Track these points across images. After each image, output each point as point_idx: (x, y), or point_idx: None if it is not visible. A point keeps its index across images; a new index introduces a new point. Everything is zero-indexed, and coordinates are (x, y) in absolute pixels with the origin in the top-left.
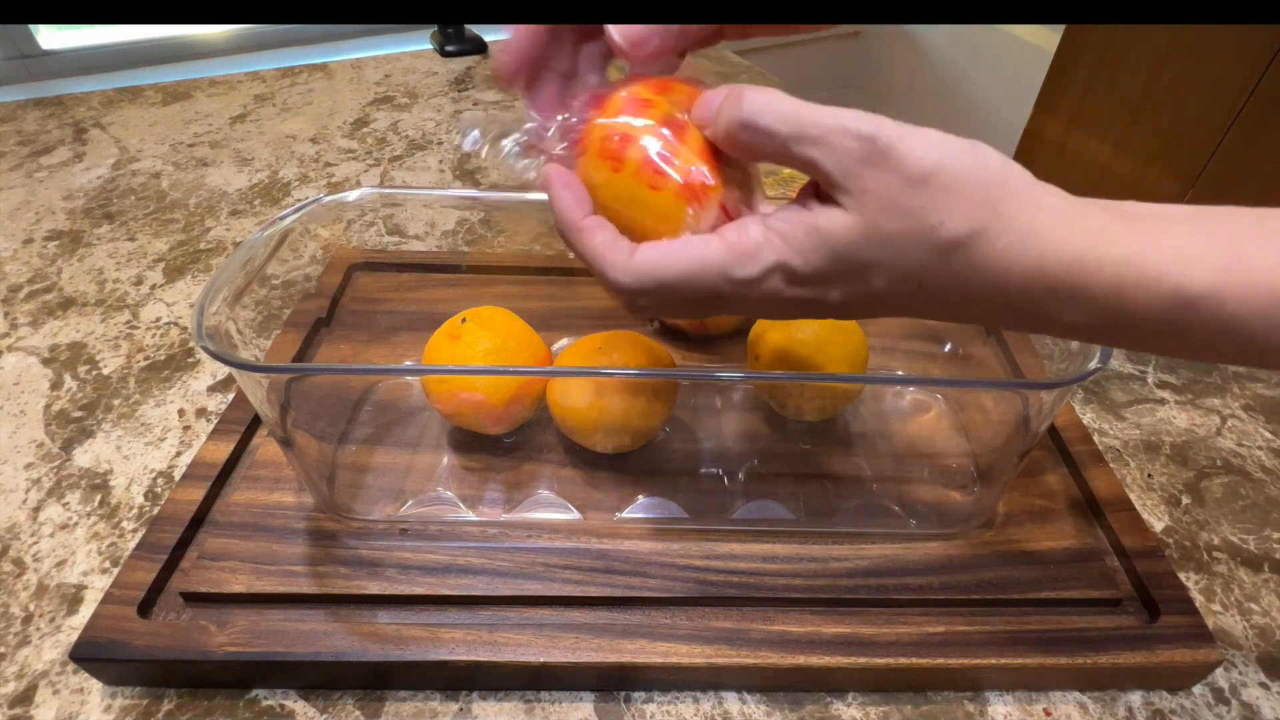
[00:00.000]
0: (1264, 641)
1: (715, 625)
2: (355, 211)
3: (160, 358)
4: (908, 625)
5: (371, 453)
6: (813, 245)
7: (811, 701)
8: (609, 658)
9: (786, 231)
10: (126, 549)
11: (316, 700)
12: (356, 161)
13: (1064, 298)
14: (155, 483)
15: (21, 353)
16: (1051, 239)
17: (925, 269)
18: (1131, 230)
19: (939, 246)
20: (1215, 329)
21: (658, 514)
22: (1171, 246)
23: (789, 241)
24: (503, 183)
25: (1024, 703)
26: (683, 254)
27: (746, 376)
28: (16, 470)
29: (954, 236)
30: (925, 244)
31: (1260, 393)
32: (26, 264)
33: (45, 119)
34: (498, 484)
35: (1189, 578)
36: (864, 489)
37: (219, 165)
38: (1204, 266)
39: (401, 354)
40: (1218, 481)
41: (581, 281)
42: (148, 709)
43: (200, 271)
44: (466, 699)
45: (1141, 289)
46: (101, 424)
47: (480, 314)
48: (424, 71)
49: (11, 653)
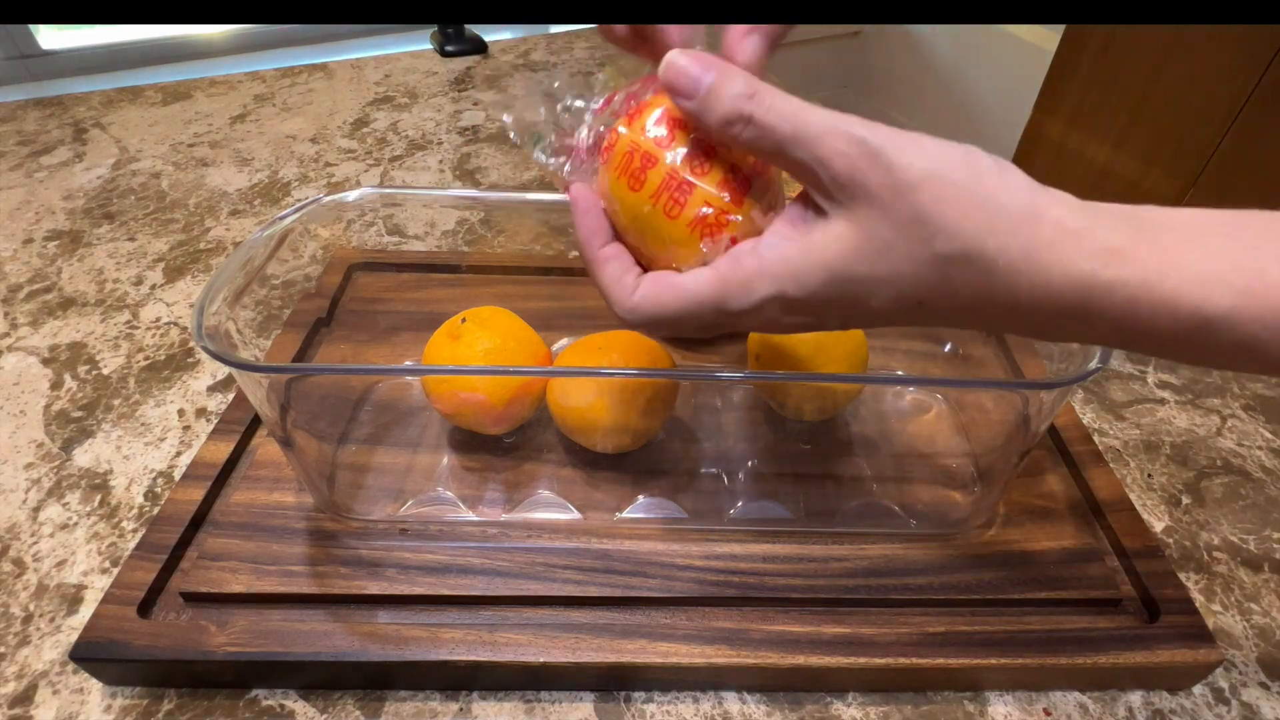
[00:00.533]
0: (1264, 641)
1: (715, 625)
2: (355, 211)
3: (160, 358)
4: (908, 625)
5: (371, 453)
6: (807, 269)
7: (811, 701)
8: (609, 658)
9: (779, 258)
10: (126, 549)
11: (316, 700)
12: (356, 161)
13: (1074, 317)
14: (155, 483)
15: (21, 353)
16: (1058, 259)
17: (924, 285)
18: (1149, 248)
19: (935, 261)
20: (1231, 348)
21: (658, 514)
22: (1191, 267)
23: (784, 267)
24: (502, 183)
25: (1024, 703)
26: (679, 292)
27: (746, 376)
28: (16, 470)
29: (949, 251)
30: (920, 257)
31: (1260, 393)
32: (26, 264)
33: (45, 119)
34: (498, 484)
35: (1189, 578)
36: (864, 489)
37: (219, 165)
38: (1224, 288)
39: (401, 354)
40: (1218, 481)
41: (581, 281)
42: (148, 709)
43: (200, 271)
44: (466, 699)
45: (1157, 311)
46: (101, 424)
47: (480, 314)
48: (424, 71)
49: (11, 653)
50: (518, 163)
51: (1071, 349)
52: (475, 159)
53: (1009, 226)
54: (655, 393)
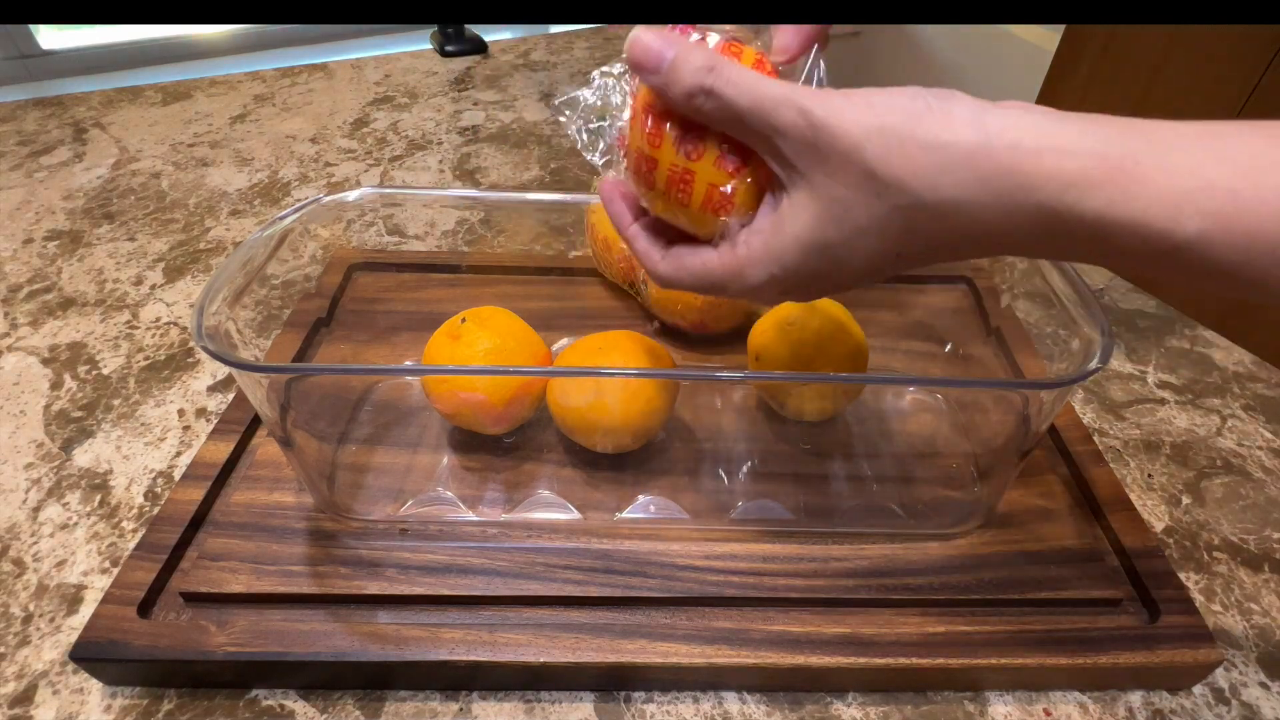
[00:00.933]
0: (1264, 641)
1: (715, 625)
2: (355, 211)
3: (160, 358)
4: (908, 625)
5: (371, 453)
6: (783, 247)
7: (811, 701)
8: (609, 658)
9: (761, 245)
10: (126, 549)
11: (316, 700)
12: (356, 161)
13: (1043, 239)
14: (155, 483)
15: (21, 353)
16: (1018, 185)
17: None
18: (1115, 166)
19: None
20: (1204, 272)
21: (658, 514)
22: (1158, 186)
23: (766, 252)
24: (502, 183)
25: (1024, 703)
26: (689, 264)
27: (746, 376)
28: (16, 470)
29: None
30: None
31: (1260, 393)
32: (26, 264)
33: (45, 119)
34: (498, 484)
35: (1189, 578)
36: (864, 489)
37: (219, 165)
38: (1193, 210)
39: (401, 354)
40: (1218, 481)
41: (581, 281)
42: (148, 709)
43: (200, 271)
44: (466, 699)
45: (1125, 234)
46: (101, 424)
47: (480, 314)
48: (424, 71)
49: (11, 653)
50: (518, 163)
51: (1072, 348)
52: (475, 159)
53: (960, 161)
54: (655, 393)
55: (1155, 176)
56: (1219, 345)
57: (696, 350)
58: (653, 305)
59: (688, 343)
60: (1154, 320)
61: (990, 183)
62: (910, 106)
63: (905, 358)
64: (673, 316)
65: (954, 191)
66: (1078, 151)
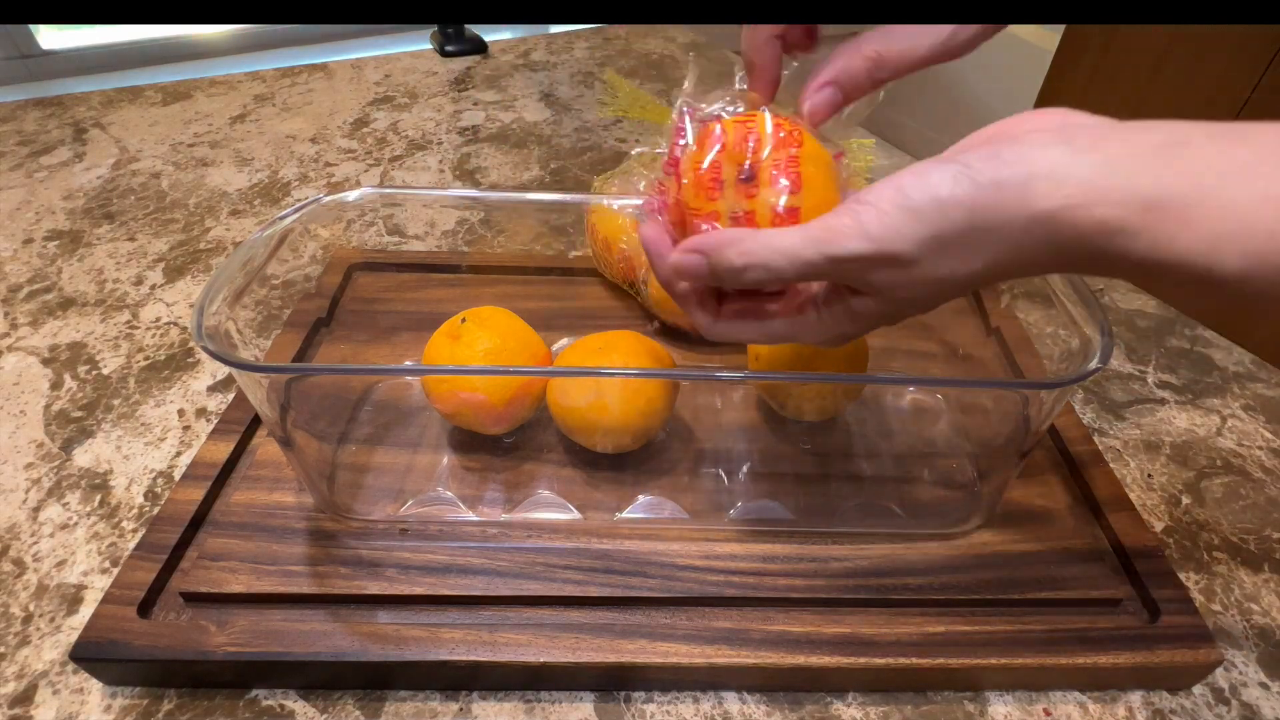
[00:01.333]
0: (1264, 641)
1: (715, 625)
2: (355, 211)
3: (160, 358)
4: (908, 625)
5: (371, 453)
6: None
7: (811, 701)
8: (609, 658)
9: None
10: (126, 549)
11: (316, 700)
12: (356, 161)
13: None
14: (155, 483)
15: (21, 353)
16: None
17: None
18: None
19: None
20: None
21: (658, 514)
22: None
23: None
24: (502, 183)
25: (1024, 703)
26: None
27: (746, 376)
28: (16, 470)
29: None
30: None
31: (1260, 393)
32: (26, 264)
33: (45, 119)
34: (498, 484)
35: (1189, 578)
36: (864, 489)
37: (219, 165)
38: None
39: (401, 354)
40: (1218, 481)
41: (581, 281)
42: (148, 709)
43: (200, 271)
44: (466, 699)
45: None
46: (101, 424)
47: (480, 314)
48: (424, 71)
49: (11, 653)
50: (517, 163)
51: (1072, 348)
52: (475, 159)
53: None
54: (655, 393)
55: (1195, 218)
56: (1219, 345)
57: (696, 350)
58: (653, 305)
59: (688, 343)
60: (1154, 320)
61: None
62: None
63: (905, 358)
64: (673, 316)
65: (1009, 258)
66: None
